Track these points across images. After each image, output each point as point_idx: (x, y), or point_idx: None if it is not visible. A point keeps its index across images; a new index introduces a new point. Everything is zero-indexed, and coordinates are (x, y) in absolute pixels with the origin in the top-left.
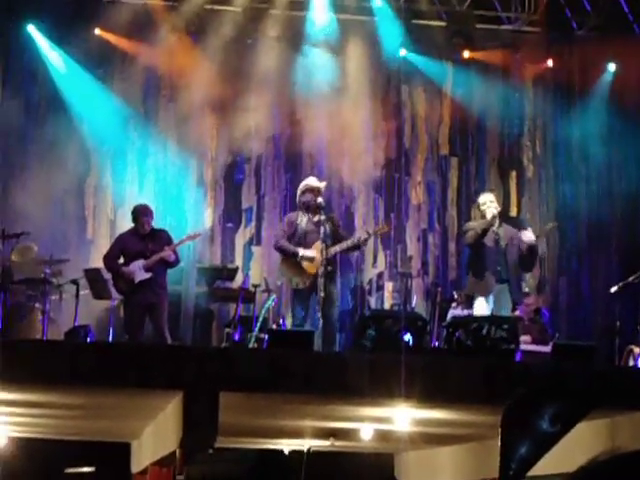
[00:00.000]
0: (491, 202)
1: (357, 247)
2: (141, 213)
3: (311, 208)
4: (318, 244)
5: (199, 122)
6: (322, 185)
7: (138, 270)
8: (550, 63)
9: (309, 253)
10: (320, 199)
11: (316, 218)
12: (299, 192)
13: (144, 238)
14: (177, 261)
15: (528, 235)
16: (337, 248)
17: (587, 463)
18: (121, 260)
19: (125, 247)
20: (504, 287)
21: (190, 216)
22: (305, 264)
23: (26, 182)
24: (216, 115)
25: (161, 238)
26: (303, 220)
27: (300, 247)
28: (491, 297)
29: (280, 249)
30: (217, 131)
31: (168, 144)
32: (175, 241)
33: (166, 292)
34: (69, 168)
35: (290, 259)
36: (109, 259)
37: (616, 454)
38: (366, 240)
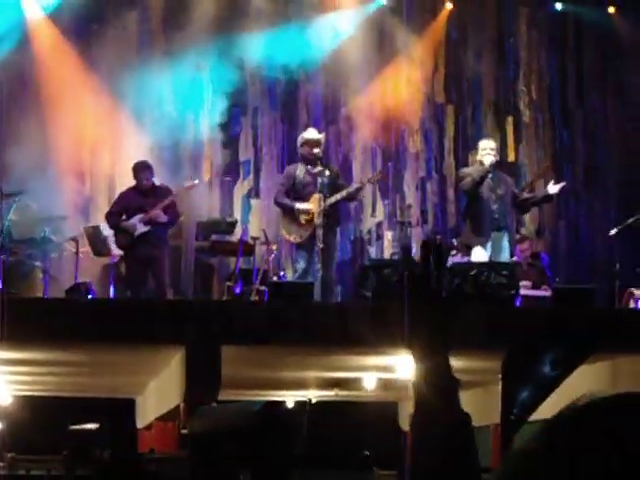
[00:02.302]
0: (491, 149)
1: (352, 198)
2: (140, 169)
3: (309, 160)
4: (316, 196)
5: (194, 75)
6: (321, 137)
7: (137, 224)
8: (543, 6)
9: (305, 206)
10: (317, 150)
11: (314, 170)
12: (298, 144)
13: (145, 194)
14: (171, 221)
15: (556, 188)
16: (332, 199)
17: (565, 408)
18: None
19: (126, 203)
20: (501, 234)
21: (187, 170)
22: (302, 217)
23: (22, 140)
24: (210, 67)
25: (161, 193)
26: (301, 172)
27: (298, 199)
28: (489, 244)
29: (279, 205)
30: (212, 83)
31: (163, 97)
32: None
33: (168, 246)
34: (65, 124)
35: (288, 214)
36: (111, 215)
37: (593, 399)
38: (359, 190)
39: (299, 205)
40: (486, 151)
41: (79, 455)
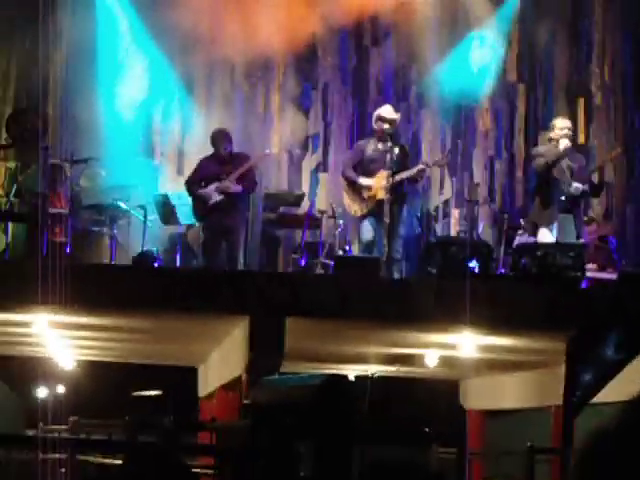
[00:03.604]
0: (568, 129)
1: (416, 179)
2: (218, 137)
3: (380, 136)
4: (382, 172)
5: (265, 49)
6: (396, 117)
7: (212, 193)
8: None
9: (367, 182)
10: (388, 127)
11: (384, 146)
12: (373, 119)
13: (222, 162)
14: (247, 189)
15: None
16: (397, 178)
17: None
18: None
19: (204, 171)
20: (569, 216)
21: (257, 143)
22: (364, 192)
23: (94, 107)
24: (283, 42)
25: (239, 161)
26: (370, 148)
27: (364, 174)
28: (555, 225)
29: (345, 178)
30: (284, 58)
31: (235, 71)
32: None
33: (243, 216)
34: (136, 94)
35: (352, 187)
36: (190, 183)
37: None
38: (421, 172)
39: (362, 180)
40: (564, 131)
41: (141, 421)
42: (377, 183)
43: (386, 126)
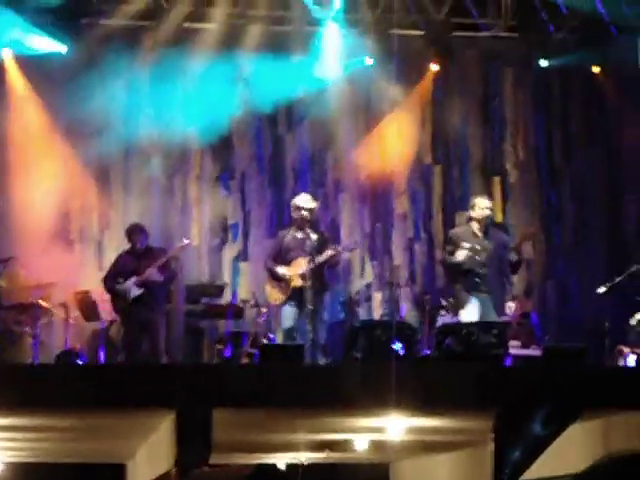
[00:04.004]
0: (489, 209)
1: (333, 264)
2: (133, 232)
3: (299, 224)
4: (300, 260)
5: (183, 138)
6: (313, 205)
7: (132, 287)
8: (528, 66)
9: (283, 270)
10: (306, 214)
11: (301, 234)
12: (291, 208)
13: (139, 256)
14: (168, 279)
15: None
16: (311, 264)
17: (592, 465)
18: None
19: (121, 266)
20: (490, 295)
21: (175, 234)
22: (282, 281)
23: (12, 205)
24: (199, 132)
25: (156, 255)
26: (289, 236)
27: (284, 263)
28: (478, 303)
29: (265, 267)
30: (201, 147)
31: (152, 161)
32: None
33: (163, 309)
34: (54, 190)
35: (272, 278)
36: (107, 279)
37: (621, 456)
38: (333, 257)
39: (279, 269)
40: (484, 212)
41: None
42: (294, 271)
43: (304, 214)
